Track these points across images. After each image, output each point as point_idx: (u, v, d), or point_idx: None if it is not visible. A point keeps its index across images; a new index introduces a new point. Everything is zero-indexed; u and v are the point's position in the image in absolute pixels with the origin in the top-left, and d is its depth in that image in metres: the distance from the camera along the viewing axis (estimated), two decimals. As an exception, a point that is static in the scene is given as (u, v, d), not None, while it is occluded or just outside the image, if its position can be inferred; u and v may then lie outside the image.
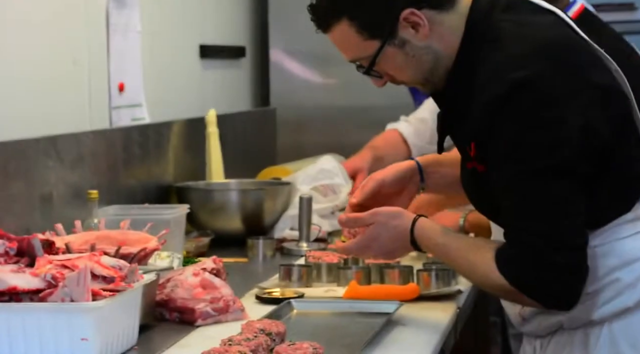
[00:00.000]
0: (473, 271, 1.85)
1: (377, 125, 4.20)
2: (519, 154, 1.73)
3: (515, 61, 1.74)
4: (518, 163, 1.74)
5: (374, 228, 1.95)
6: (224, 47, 3.92)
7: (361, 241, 1.97)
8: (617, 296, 1.79)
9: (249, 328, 1.77)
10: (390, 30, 1.81)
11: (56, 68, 2.67)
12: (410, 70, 1.86)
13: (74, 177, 2.58)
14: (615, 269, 1.79)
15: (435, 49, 1.84)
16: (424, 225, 1.92)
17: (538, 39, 1.78)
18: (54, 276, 1.70)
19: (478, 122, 1.77)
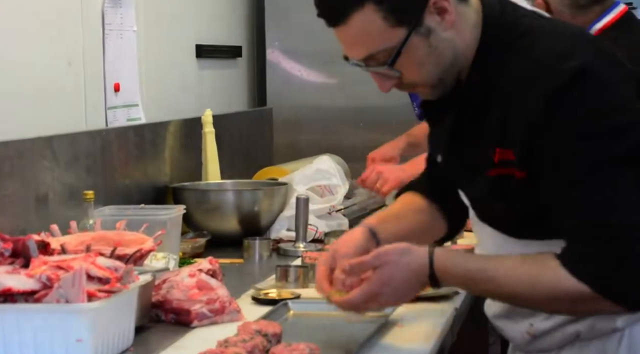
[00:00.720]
0: (534, 286, 1.66)
1: (373, 125, 4.20)
2: (588, 143, 1.62)
3: (560, 53, 1.66)
4: (588, 153, 1.62)
5: (383, 270, 1.72)
6: (220, 47, 3.91)
7: (369, 289, 1.73)
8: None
9: (245, 329, 1.76)
10: (419, 15, 1.68)
11: (52, 68, 2.66)
12: (430, 66, 1.73)
13: (70, 177, 2.57)
14: None
15: (456, 42, 1.73)
16: (444, 255, 1.73)
17: (571, 32, 1.74)
18: (49, 277, 1.69)
19: (525, 121, 1.65)
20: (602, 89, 1.64)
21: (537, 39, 1.71)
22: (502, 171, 1.72)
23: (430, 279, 1.71)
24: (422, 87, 1.77)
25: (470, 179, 1.82)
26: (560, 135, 1.64)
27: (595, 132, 1.63)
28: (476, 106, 1.75)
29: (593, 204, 1.63)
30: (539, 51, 1.69)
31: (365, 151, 4.12)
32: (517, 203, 1.72)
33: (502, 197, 1.74)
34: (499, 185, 1.73)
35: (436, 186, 2.01)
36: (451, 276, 1.71)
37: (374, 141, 4.15)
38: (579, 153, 1.63)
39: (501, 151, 1.71)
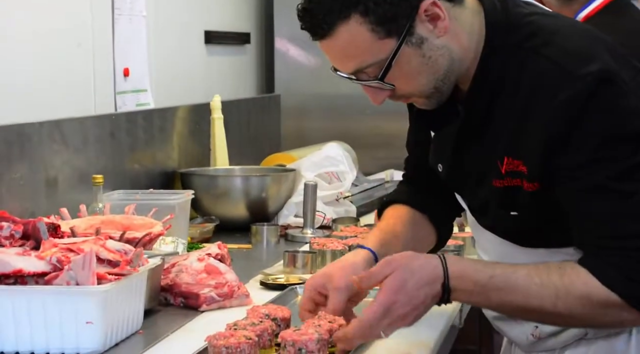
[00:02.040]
0: (563, 295, 1.58)
1: (380, 113, 4.19)
2: (612, 150, 1.56)
3: (578, 55, 1.59)
4: (614, 160, 1.56)
5: (395, 276, 1.60)
6: (228, 34, 3.91)
7: (383, 300, 1.60)
8: None
9: (255, 313, 1.76)
10: (409, 24, 1.57)
11: (61, 52, 2.66)
12: (424, 76, 1.62)
13: (79, 161, 2.58)
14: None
15: (452, 49, 1.62)
16: (458, 260, 1.63)
17: (581, 30, 1.67)
18: (59, 260, 1.70)
19: (544, 130, 1.57)
20: (623, 94, 1.58)
21: (550, 38, 1.62)
22: (508, 182, 1.65)
23: (443, 288, 1.60)
24: (417, 98, 1.67)
25: (474, 187, 1.74)
26: (584, 142, 1.56)
27: (622, 138, 1.57)
28: (483, 112, 1.66)
29: (620, 213, 1.57)
30: (555, 52, 1.60)
31: (373, 138, 4.13)
32: (523, 214, 1.66)
33: (507, 207, 1.67)
34: (504, 196, 1.66)
35: (419, 194, 1.93)
36: (467, 285, 1.60)
37: (381, 129, 4.16)
38: (605, 160, 1.56)
39: (510, 162, 1.63)
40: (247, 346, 1.59)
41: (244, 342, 1.59)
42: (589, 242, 1.60)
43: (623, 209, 1.56)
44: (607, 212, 1.57)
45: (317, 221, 2.89)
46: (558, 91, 1.57)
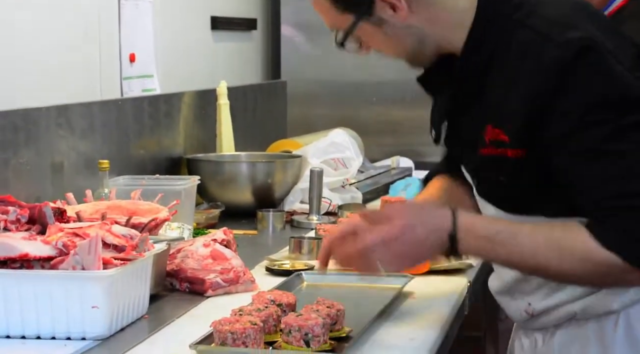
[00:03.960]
0: (567, 256, 1.61)
1: (387, 99, 4.20)
2: (603, 113, 1.59)
3: (562, 23, 1.64)
4: (603, 123, 1.58)
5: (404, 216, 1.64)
6: (235, 19, 3.90)
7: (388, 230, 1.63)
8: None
9: (260, 298, 1.76)
10: (367, 7, 1.69)
11: (67, 37, 2.66)
12: (391, 48, 1.74)
13: (85, 146, 2.58)
14: None
15: (421, 30, 1.70)
16: (468, 214, 1.67)
17: (566, 1, 1.72)
18: (65, 244, 1.70)
19: (528, 95, 1.61)
20: (605, 60, 1.61)
21: (534, 9, 1.68)
22: (493, 151, 1.68)
23: (450, 239, 1.62)
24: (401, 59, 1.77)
25: (469, 156, 1.79)
26: (571, 108, 1.60)
27: (608, 102, 1.59)
28: (473, 81, 1.72)
29: (614, 175, 1.59)
30: (538, 22, 1.65)
31: (379, 125, 4.13)
32: (511, 181, 1.69)
33: (495, 174, 1.71)
34: (492, 164, 1.70)
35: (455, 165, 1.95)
36: (475, 236, 1.63)
37: (387, 115, 4.16)
38: (594, 124, 1.59)
39: (492, 131, 1.68)
40: (253, 331, 1.59)
41: (249, 327, 1.59)
42: (588, 207, 1.62)
43: (614, 171, 1.59)
44: (600, 175, 1.59)
45: (323, 207, 2.89)
46: (540, 59, 1.61)
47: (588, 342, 1.76)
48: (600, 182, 1.60)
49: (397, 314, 1.90)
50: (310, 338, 1.60)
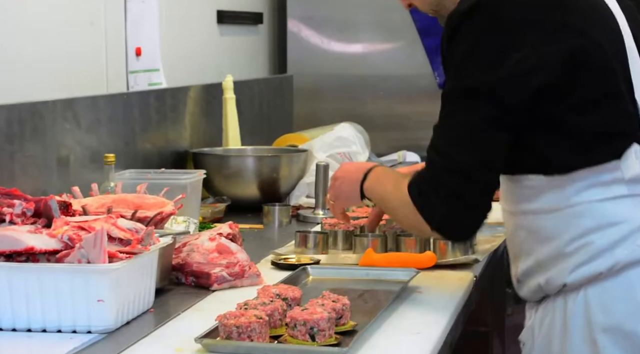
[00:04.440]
0: (395, 188, 1.88)
1: (393, 94, 4.19)
2: (456, 71, 1.77)
3: None
4: (452, 80, 1.78)
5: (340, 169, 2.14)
6: (241, 13, 3.90)
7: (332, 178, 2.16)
8: (590, 261, 1.79)
9: (265, 292, 1.76)
10: None
11: (73, 31, 2.66)
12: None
13: (91, 140, 2.58)
14: (590, 232, 1.78)
15: None
16: (380, 168, 2.02)
17: None
18: (70, 238, 1.70)
19: (442, 41, 1.82)
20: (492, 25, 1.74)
21: None
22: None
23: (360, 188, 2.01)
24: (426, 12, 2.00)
25: None
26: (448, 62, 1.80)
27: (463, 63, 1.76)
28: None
29: (438, 128, 1.81)
30: None
31: (385, 119, 4.12)
32: None
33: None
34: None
35: None
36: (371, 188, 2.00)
37: (394, 110, 4.15)
38: (449, 79, 1.80)
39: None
40: (258, 325, 1.59)
41: (255, 321, 1.59)
42: None
43: (441, 126, 1.80)
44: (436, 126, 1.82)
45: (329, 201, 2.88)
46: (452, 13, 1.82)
47: (554, 317, 1.85)
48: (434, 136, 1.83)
49: (403, 308, 1.89)
50: (315, 332, 1.59)
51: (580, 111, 1.76)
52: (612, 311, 1.79)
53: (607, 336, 1.79)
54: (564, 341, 1.83)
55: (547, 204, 1.81)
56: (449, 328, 1.82)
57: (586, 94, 1.76)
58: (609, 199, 1.78)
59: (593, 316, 1.80)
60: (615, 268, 1.77)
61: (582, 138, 1.77)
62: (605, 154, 1.78)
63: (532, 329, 1.92)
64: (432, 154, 1.80)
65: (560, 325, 1.84)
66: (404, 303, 1.92)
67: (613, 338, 1.78)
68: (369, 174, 2.01)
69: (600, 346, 1.79)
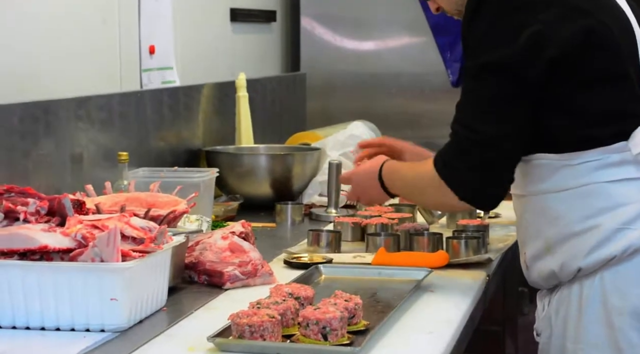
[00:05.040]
0: (417, 174, 1.96)
1: (406, 92, 4.18)
2: (475, 49, 1.85)
3: None
4: (472, 58, 1.86)
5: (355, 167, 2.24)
6: (254, 11, 3.90)
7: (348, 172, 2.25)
8: (603, 243, 1.82)
9: (278, 291, 1.76)
10: None
11: (87, 30, 2.67)
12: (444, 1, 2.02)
13: (104, 138, 2.59)
14: (599, 212, 1.83)
15: None
16: (392, 162, 2.09)
17: None
18: (84, 236, 1.70)
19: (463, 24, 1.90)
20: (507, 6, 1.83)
21: None
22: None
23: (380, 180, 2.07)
24: (455, 16, 2.03)
25: None
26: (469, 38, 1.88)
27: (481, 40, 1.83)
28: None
29: (461, 103, 1.87)
30: None
31: (398, 117, 4.12)
32: None
33: None
34: None
35: None
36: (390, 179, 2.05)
37: (407, 107, 4.15)
38: (468, 57, 1.88)
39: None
40: (270, 324, 1.59)
41: (267, 320, 1.59)
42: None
43: (463, 101, 1.88)
44: (460, 100, 1.89)
45: (342, 200, 2.88)
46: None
47: (570, 304, 1.88)
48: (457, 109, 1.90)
49: (415, 307, 1.89)
50: (328, 332, 1.60)
51: (589, 89, 1.83)
52: (627, 294, 1.83)
53: (624, 318, 1.82)
54: (579, 326, 1.86)
55: (557, 184, 1.86)
56: (462, 328, 1.82)
57: (594, 73, 1.83)
58: (618, 180, 1.83)
59: (609, 300, 1.83)
60: (628, 251, 1.82)
61: (591, 117, 1.84)
62: (613, 134, 1.83)
63: (548, 318, 1.94)
64: (456, 127, 1.87)
65: (575, 310, 1.87)
66: (416, 303, 1.92)
67: (629, 320, 1.82)
68: (382, 171, 2.07)
69: (617, 328, 1.83)
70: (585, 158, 1.84)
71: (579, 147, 1.84)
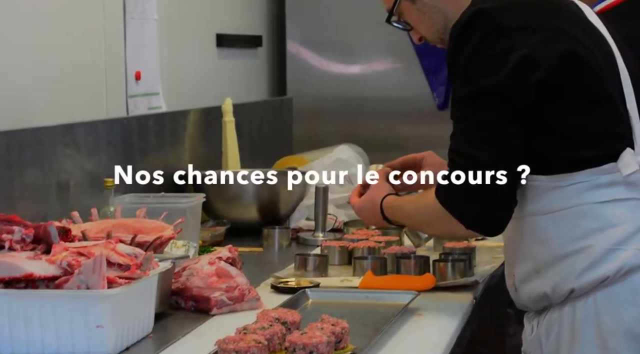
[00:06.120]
0: (420, 207, 1.97)
1: (393, 115, 4.20)
2: (463, 77, 1.85)
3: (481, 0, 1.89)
4: (461, 86, 1.86)
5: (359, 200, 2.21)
6: (240, 37, 3.91)
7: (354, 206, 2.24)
8: (595, 264, 1.82)
9: (265, 316, 1.76)
10: None
11: (73, 56, 2.67)
12: (425, 26, 2.03)
13: (91, 165, 2.59)
14: (591, 233, 1.83)
15: (445, 10, 1.98)
16: (391, 198, 2.11)
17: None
18: (69, 263, 1.70)
19: (447, 53, 1.90)
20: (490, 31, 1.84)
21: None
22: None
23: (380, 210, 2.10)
24: (436, 43, 2.05)
25: None
26: (455, 66, 1.88)
27: (468, 68, 1.84)
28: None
29: (454, 132, 1.88)
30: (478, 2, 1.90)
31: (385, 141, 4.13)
32: None
33: None
34: None
35: None
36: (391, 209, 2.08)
37: (393, 130, 4.16)
38: (456, 86, 1.89)
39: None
40: (257, 349, 1.59)
41: (254, 346, 1.59)
42: None
43: (456, 129, 1.88)
44: (452, 132, 1.89)
45: (329, 224, 2.88)
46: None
47: (562, 325, 1.87)
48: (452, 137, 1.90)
49: (403, 331, 1.89)
50: (315, 356, 1.59)
51: (575, 111, 1.84)
52: (621, 315, 1.83)
53: (618, 339, 1.82)
54: (572, 348, 1.86)
55: (547, 205, 1.86)
56: (449, 351, 1.82)
57: (580, 95, 1.85)
58: (608, 201, 1.84)
59: (603, 321, 1.83)
60: (621, 272, 1.82)
61: (579, 139, 1.85)
62: (602, 155, 1.84)
63: (538, 339, 1.93)
64: (452, 155, 1.87)
65: (568, 332, 1.87)
66: (403, 326, 1.92)
67: (624, 341, 1.82)
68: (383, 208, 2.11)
69: (611, 349, 1.82)
70: (575, 179, 1.84)
71: (569, 168, 1.84)
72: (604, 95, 1.87)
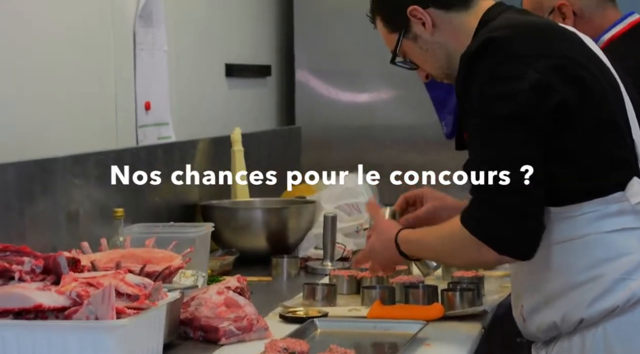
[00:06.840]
0: (444, 238, 1.94)
1: (401, 144, 4.21)
2: (479, 105, 1.86)
3: (490, 29, 1.93)
4: (478, 115, 1.87)
5: (369, 241, 2.19)
6: (249, 66, 3.94)
7: (365, 249, 2.23)
8: (605, 294, 1.83)
9: (273, 346, 1.76)
10: (404, 24, 2.04)
11: (83, 87, 2.69)
12: (429, 63, 2.06)
13: (100, 195, 2.60)
14: (600, 263, 1.83)
15: (446, 45, 2.02)
16: (406, 232, 2.08)
17: (519, 20, 1.99)
18: (79, 294, 1.71)
19: (457, 83, 1.92)
20: (502, 58, 1.85)
21: (491, 24, 1.96)
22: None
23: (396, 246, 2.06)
24: (441, 79, 2.08)
25: None
26: (467, 96, 1.89)
27: (484, 95, 1.85)
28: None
29: (476, 159, 1.87)
30: (484, 31, 1.93)
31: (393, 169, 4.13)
32: None
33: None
34: None
35: None
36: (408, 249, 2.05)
37: (401, 160, 4.17)
38: (473, 114, 1.88)
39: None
40: (265, 380, 1.59)
41: (262, 376, 1.59)
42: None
43: (477, 156, 1.87)
44: (470, 160, 1.89)
45: (337, 253, 2.89)
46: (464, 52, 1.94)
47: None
48: (468, 162, 1.89)
49: (411, 361, 1.89)
50: (322, 387, 1.59)
51: (585, 138, 1.85)
52: (632, 344, 1.83)
53: None
54: None
55: (558, 235, 1.86)
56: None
57: (589, 121, 1.86)
58: (618, 230, 1.85)
59: (613, 351, 1.84)
60: (631, 301, 1.82)
61: (588, 167, 1.86)
62: (610, 185, 1.85)
63: None
64: (478, 182, 1.85)
65: None
66: (412, 356, 1.92)
67: None
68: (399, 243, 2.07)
69: None
70: (584, 209, 1.85)
71: (579, 198, 1.85)
72: (611, 122, 1.88)
